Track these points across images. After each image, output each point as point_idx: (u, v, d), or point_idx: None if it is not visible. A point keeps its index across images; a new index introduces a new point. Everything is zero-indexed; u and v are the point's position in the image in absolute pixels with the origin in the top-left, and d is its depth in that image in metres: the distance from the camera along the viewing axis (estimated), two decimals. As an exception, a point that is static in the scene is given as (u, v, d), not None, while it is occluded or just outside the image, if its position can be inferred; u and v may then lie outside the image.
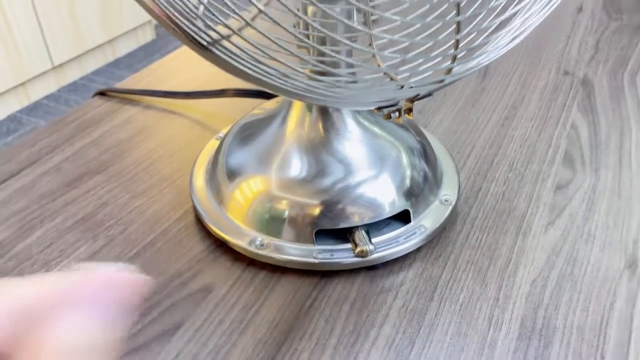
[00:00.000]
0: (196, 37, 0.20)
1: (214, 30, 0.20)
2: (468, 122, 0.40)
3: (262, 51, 0.20)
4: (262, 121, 0.32)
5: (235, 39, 0.20)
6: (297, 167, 0.29)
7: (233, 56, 0.21)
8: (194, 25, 0.20)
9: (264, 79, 0.21)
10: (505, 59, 0.48)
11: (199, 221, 0.32)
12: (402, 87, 0.24)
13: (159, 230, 0.31)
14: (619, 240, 0.30)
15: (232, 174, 0.31)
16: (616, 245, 0.30)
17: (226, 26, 0.20)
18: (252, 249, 0.28)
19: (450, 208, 0.31)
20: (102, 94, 0.45)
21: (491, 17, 0.25)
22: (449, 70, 0.24)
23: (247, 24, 0.19)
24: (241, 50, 0.20)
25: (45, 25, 1.65)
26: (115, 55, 1.96)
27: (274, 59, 0.21)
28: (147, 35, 2.09)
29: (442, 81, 0.24)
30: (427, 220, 0.30)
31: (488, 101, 0.43)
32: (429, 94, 0.26)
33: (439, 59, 0.25)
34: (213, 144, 0.36)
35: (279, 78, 0.21)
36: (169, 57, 0.50)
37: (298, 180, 0.29)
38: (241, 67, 0.21)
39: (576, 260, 0.29)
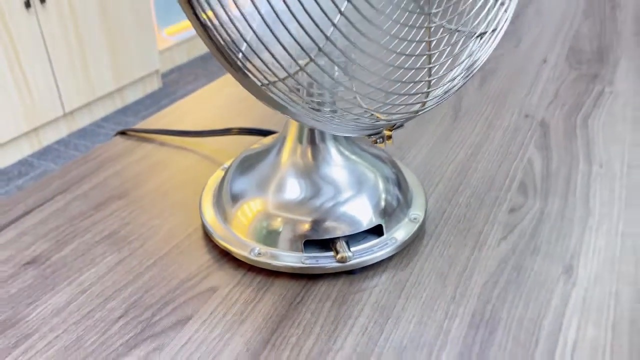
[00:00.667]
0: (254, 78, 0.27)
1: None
2: (439, 156, 0.46)
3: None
4: (260, 153, 0.39)
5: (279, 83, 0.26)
6: (290, 190, 0.36)
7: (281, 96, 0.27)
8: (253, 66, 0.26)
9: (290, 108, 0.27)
10: (475, 103, 0.55)
11: (207, 236, 0.37)
12: (377, 119, 0.31)
13: (173, 244, 0.37)
14: (559, 252, 0.36)
15: (235, 198, 0.37)
16: (556, 257, 0.36)
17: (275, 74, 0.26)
18: (251, 257, 0.34)
19: (418, 225, 0.37)
20: (122, 133, 0.51)
21: (445, 66, 0.31)
22: (423, 104, 0.31)
23: (301, 69, 0.26)
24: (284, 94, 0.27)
25: (59, 73, 1.75)
26: (124, 103, 2.06)
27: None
28: (154, 84, 2.19)
29: (413, 115, 0.31)
30: (398, 234, 0.36)
31: (457, 139, 0.49)
32: (401, 125, 0.33)
33: (412, 100, 0.31)
34: (219, 173, 0.43)
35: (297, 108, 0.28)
36: (179, 102, 0.57)
37: (291, 201, 0.35)
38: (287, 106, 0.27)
39: (522, 268, 0.35)
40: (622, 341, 0.30)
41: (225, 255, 0.36)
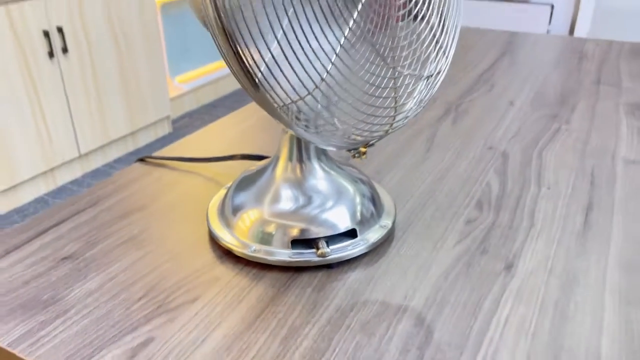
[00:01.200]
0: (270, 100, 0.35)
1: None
2: (411, 180, 0.54)
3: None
4: (258, 172, 0.47)
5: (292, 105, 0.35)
6: (282, 200, 0.43)
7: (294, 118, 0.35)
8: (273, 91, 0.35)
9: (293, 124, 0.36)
10: (447, 138, 0.64)
11: (212, 239, 0.45)
12: (349, 136, 0.39)
13: (184, 245, 0.45)
14: (503, 253, 0.43)
15: (236, 208, 0.45)
16: (500, 257, 0.43)
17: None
18: (248, 253, 0.42)
19: (386, 230, 0.44)
20: (141, 160, 0.60)
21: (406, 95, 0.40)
22: (392, 125, 0.39)
23: (309, 93, 0.34)
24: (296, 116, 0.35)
25: (76, 117, 1.87)
26: (136, 146, 2.17)
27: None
28: (165, 128, 2.31)
29: (383, 136, 0.39)
30: (370, 237, 0.43)
31: (428, 167, 0.57)
32: (372, 144, 0.41)
33: (380, 124, 0.40)
34: (223, 191, 0.51)
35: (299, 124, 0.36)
36: (190, 136, 0.66)
37: (283, 209, 0.43)
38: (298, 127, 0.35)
39: (471, 265, 0.42)
40: (545, 317, 0.37)
41: (227, 253, 0.43)
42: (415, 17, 0.40)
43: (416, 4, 0.37)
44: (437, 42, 0.40)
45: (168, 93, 2.26)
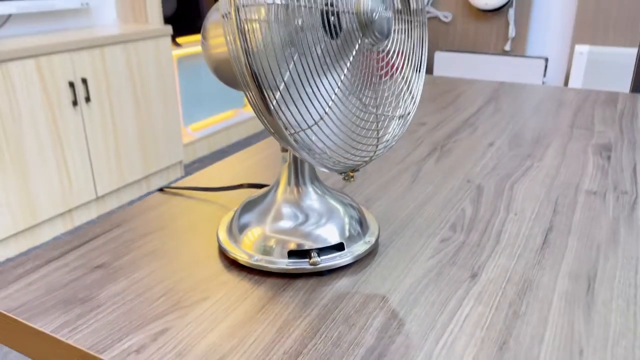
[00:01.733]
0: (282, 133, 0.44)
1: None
2: (395, 207, 0.62)
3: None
4: (260, 197, 0.55)
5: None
6: (281, 219, 0.51)
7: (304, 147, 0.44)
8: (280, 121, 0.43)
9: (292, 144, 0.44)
10: (431, 173, 0.72)
11: (221, 252, 0.53)
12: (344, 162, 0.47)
13: (197, 257, 0.52)
14: (469, 265, 0.50)
15: (242, 227, 0.53)
16: (467, 268, 0.50)
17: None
18: (252, 262, 0.49)
19: (370, 246, 0.52)
20: (161, 190, 0.68)
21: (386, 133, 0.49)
22: (374, 154, 0.47)
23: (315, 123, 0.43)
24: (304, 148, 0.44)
25: (95, 161, 1.98)
26: (149, 189, 2.27)
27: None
28: (177, 172, 2.41)
29: (367, 162, 0.47)
30: (355, 250, 0.51)
31: (411, 197, 0.65)
32: (357, 170, 0.49)
33: (366, 152, 0.48)
34: (230, 213, 0.59)
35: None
36: (203, 170, 0.75)
37: (281, 226, 0.51)
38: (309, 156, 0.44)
39: (440, 274, 0.49)
40: (500, 315, 0.44)
41: (233, 263, 0.51)
42: (392, 75, 0.49)
43: (396, 68, 0.46)
44: (409, 92, 0.49)
45: (181, 140, 2.38)
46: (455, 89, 1.18)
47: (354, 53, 0.45)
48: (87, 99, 1.91)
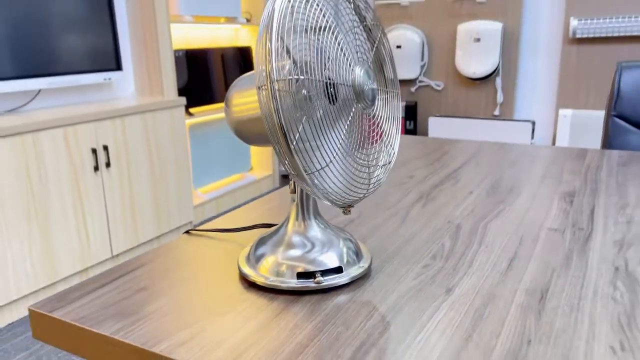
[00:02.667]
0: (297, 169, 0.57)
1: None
2: (386, 242, 0.74)
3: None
4: (272, 232, 0.67)
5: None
6: (291, 247, 0.63)
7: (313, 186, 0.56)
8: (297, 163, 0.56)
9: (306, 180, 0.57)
10: (417, 216, 0.84)
11: (242, 277, 0.64)
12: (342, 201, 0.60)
13: (222, 282, 0.64)
14: (445, 283, 0.62)
15: (259, 257, 0.65)
16: (443, 285, 0.61)
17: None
18: (267, 282, 0.61)
19: (363, 269, 0.63)
20: (187, 232, 0.81)
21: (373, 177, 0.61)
22: (365, 194, 0.60)
23: (324, 166, 0.56)
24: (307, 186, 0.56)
25: (112, 222, 2.10)
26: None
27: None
28: (188, 233, 2.52)
29: (360, 199, 0.60)
30: (351, 272, 0.62)
31: (400, 234, 0.77)
32: (352, 206, 0.62)
33: (359, 192, 0.61)
34: (247, 248, 0.71)
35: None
36: (225, 216, 0.87)
37: (291, 254, 0.63)
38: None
39: (421, 290, 0.60)
40: (467, 318, 0.54)
41: (252, 285, 0.62)
42: (380, 137, 0.63)
43: (382, 133, 0.60)
44: (390, 146, 0.62)
45: (192, 202, 2.52)
46: (442, 147, 1.32)
47: (351, 115, 0.59)
48: (107, 164, 2.07)
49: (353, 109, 0.59)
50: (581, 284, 0.61)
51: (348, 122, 0.59)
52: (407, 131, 3.11)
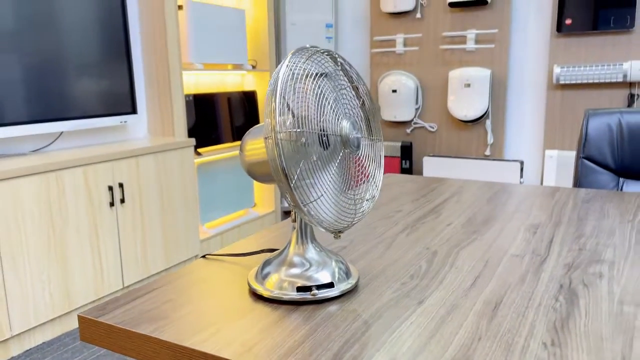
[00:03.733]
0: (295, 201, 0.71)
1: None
2: (373, 265, 0.88)
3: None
4: (275, 255, 0.81)
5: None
6: (292, 267, 0.77)
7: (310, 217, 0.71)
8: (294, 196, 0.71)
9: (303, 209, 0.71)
10: (400, 243, 0.98)
11: (251, 292, 0.78)
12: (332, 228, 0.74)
13: (234, 295, 0.77)
14: (419, 297, 0.75)
15: (265, 275, 0.78)
16: (417, 298, 0.75)
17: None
18: (272, 295, 0.74)
19: (351, 285, 0.77)
20: (203, 257, 0.94)
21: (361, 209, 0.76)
22: (351, 223, 0.74)
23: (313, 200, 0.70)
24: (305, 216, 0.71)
25: (124, 255, 2.23)
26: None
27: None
28: (194, 266, 2.65)
29: (349, 227, 0.74)
30: (341, 287, 0.76)
31: (384, 259, 0.91)
32: (342, 231, 0.76)
33: (348, 219, 0.75)
34: (255, 268, 0.84)
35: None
36: (236, 243, 1.01)
37: (292, 272, 0.76)
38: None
39: (397, 302, 0.74)
40: (433, 322, 0.68)
41: (259, 298, 0.76)
42: (366, 177, 0.77)
43: (367, 173, 0.75)
44: (374, 183, 0.77)
45: (199, 236, 2.65)
46: (430, 185, 1.47)
47: (339, 158, 0.73)
48: (122, 200, 2.22)
49: (341, 153, 0.74)
50: (529, 297, 0.75)
51: (337, 164, 0.74)
52: (402, 170, 3.27)
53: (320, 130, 0.72)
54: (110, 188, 2.17)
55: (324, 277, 0.76)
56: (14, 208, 1.86)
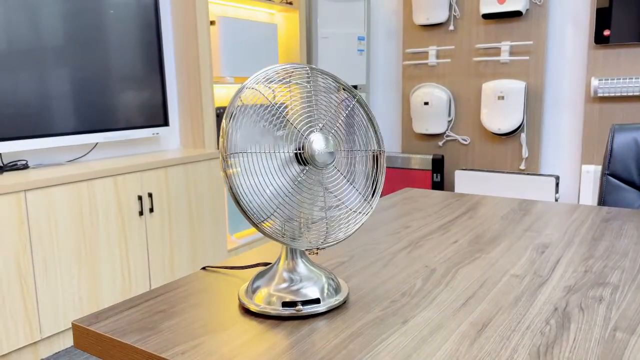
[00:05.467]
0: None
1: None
2: (367, 282, 0.87)
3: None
4: (267, 269, 0.82)
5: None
6: (280, 282, 0.78)
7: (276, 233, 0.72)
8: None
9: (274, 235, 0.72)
10: (401, 260, 0.97)
11: (241, 306, 0.79)
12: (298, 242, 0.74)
13: (225, 308, 0.79)
14: (405, 315, 0.74)
15: (255, 289, 0.80)
16: (402, 316, 0.74)
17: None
18: (259, 309, 0.75)
19: (339, 301, 0.77)
20: (204, 268, 0.96)
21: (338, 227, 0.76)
22: (322, 244, 0.74)
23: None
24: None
25: (152, 263, 2.29)
26: (196, 289, 2.55)
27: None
28: (221, 276, 2.69)
29: (322, 247, 0.74)
30: (329, 303, 0.76)
31: (380, 276, 0.90)
32: (320, 248, 0.76)
33: (317, 242, 0.75)
34: (248, 282, 0.85)
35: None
36: (235, 257, 1.02)
37: (280, 287, 0.77)
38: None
39: (383, 320, 0.73)
40: (414, 341, 0.67)
41: (248, 311, 0.77)
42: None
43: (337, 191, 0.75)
44: (353, 221, 0.77)
45: (226, 246, 2.70)
46: (445, 200, 1.45)
47: (293, 174, 0.74)
48: (151, 210, 2.29)
49: (296, 170, 0.75)
50: (519, 320, 0.73)
51: (291, 180, 0.75)
52: (433, 184, 3.23)
53: (298, 149, 0.73)
54: (140, 198, 2.24)
55: (312, 293, 0.76)
56: (47, 215, 1.94)
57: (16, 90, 2.06)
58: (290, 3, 3.29)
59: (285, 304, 0.75)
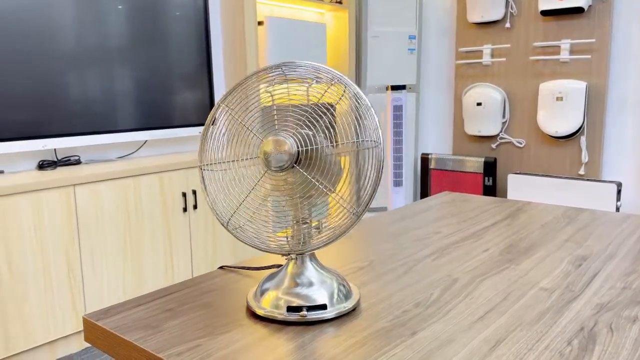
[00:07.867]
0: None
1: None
2: (382, 289, 0.84)
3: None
4: (276, 272, 0.80)
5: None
6: (288, 286, 0.76)
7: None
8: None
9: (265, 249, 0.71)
10: (424, 268, 0.93)
11: (248, 308, 0.78)
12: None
13: (232, 309, 0.77)
14: (413, 328, 0.70)
15: (263, 292, 0.78)
16: (411, 329, 0.70)
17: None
18: (264, 313, 0.74)
19: (348, 308, 0.74)
20: (221, 267, 0.96)
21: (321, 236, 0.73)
22: (290, 249, 0.71)
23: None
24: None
25: (195, 257, 2.34)
26: (237, 286, 2.58)
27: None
28: (264, 274, 2.71)
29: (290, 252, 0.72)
30: (338, 309, 0.73)
31: (398, 284, 0.86)
32: (290, 254, 0.73)
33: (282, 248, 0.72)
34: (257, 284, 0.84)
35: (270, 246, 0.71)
36: (252, 258, 1.01)
37: (287, 291, 0.75)
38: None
39: (390, 331, 0.69)
40: (416, 357, 0.63)
41: (254, 315, 0.75)
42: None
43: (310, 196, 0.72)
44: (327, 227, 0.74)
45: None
46: (484, 206, 1.38)
47: (261, 177, 0.71)
48: (195, 207, 2.33)
49: (265, 172, 0.72)
50: (539, 338, 0.67)
51: (254, 187, 0.72)
52: (485, 188, 3.11)
53: (264, 154, 0.71)
54: (184, 194, 2.29)
55: (320, 298, 0.74)
56: (95, 209, 2.02)
57: (73, 89, 2.16)
58: (340, 2, 3.26)
59: (290, 309, 0.73)
